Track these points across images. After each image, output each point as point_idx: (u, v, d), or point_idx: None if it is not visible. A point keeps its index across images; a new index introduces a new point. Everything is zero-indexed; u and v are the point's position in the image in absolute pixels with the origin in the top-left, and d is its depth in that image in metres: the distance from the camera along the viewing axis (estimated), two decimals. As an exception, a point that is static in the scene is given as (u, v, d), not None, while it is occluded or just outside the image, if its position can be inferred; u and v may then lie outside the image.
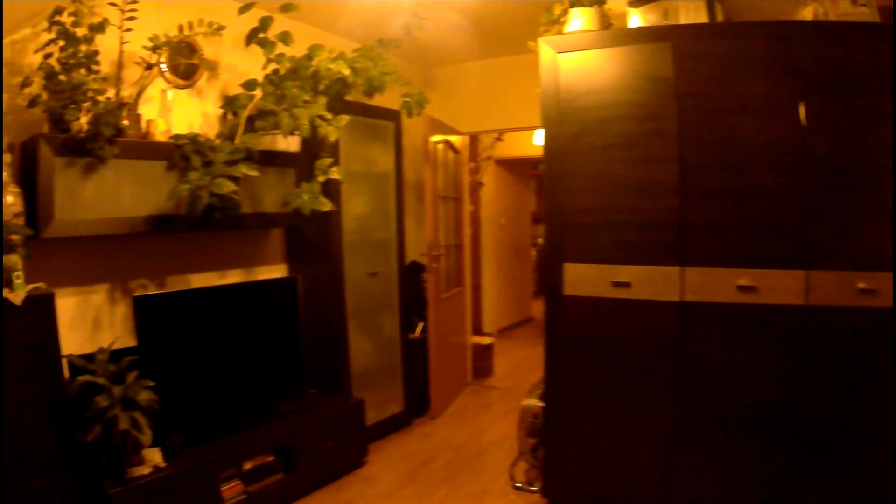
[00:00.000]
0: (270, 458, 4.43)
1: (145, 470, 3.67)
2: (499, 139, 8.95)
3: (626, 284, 3.84)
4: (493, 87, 6.94)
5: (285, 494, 4.49)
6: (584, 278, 3.96)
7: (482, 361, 7.66)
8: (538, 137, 8.51)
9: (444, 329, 6.41)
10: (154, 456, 3.79)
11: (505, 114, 6.92)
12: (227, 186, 3.88)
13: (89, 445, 3.46)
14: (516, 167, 10.35)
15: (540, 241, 12.38)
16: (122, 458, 3.62)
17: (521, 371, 7.95)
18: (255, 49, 4.43)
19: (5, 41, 3.65)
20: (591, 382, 4.01)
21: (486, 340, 7.80)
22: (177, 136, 4.04)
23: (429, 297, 6.15)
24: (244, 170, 4.01)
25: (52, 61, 3.57)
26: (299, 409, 4.80)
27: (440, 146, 6.43)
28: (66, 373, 3.47)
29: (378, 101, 5.08)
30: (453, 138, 6.82)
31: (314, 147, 4.79)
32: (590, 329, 3.98)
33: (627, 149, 3.81)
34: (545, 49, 4.00)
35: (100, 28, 3.68)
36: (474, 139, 8.38)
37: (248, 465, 4.28)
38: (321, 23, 5.51)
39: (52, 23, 3.54)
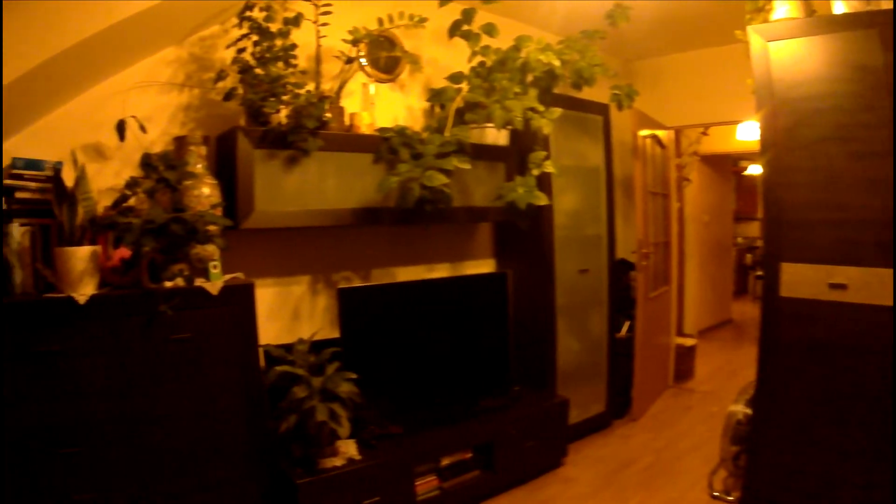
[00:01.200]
0: (469, 455, 4.23)
1: (338, 462, 3.54)
2: (704, 133, 8.40)
3: (842, 286, 3.43)
4: (696, 80, 6.51)
5: (480, 492, 4.28)
6: (800, 279, 3.57)
7: (683, 363, 7.20)
8: (742, 132, 8.07)
9: (649, 329, 6.06)
10: (349, 448, 3.66)
11: (709, 107, 6.46)
12: (439, 179, 3.72)
13: (281, 435, 3.37)
14: (718, 163, 9.82)
15: (740, 240, 11.69)
16: (315, 448, 3.52)
17: (721, 374, 7.43)
18: (456, 42, 4.29)
19: (193, 38, 3.69)
20: (803, 390, 3.62)
21: (689, 342, 7.34)
22: (383, 129, 3.92)
23: (637, 295, 5.83)
24: (455, 162, 3.84)
25: (247, 56, 3.51)
26: (502, 406, 4.56)
27: (648, 141, 6.07)
28: (263, 363, 3.41)
29: (582, 94, 4.80)
30: (660, 133, 6.46)
31: (523, 141, 4.57)
32: (804, 333, 3.59)
33: (844, 142, 3.41)
34: (755, 38, 3.66)
35: (295, 22, 3.63)
36: (678, 134, 7.86)
37: (445, 461, 4.09)
38: (519, 15, 5.25)
39: (243, 18, 3.49)
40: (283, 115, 3.56)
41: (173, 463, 3.11)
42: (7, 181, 3.06)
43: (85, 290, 2.93)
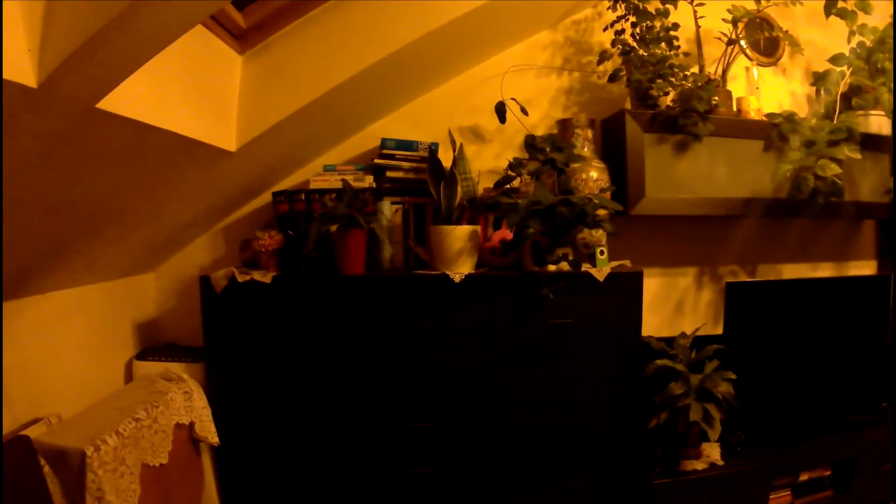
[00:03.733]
0: (827, 472, 3.87)
1: (700, 465, 3.34)
2: None
3: None
4: None
5: (829, 514, 3.92)
6: None
7: None
8: None
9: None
10: (712, 451, 3.45)
11: None
12: (833, 169, 3.42)
13: (647, 431, 3.22)
14: None
15: None
16: (679, 448, 3.33)
17: None
18: (832, 22, 3.92)
19: (566, 22, 3.62)
20: None
21: None
22: (771, 115, 3.64)
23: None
24: (847, 151, 3.50)
25: (626, 37, 3.39)
26: (869, 422, 4.14)
27: None
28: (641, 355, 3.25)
29: None
30: None
31: None
32: None
33: None
34: None
35: (672, 0, 3.41)
36: None
37: (804, 477, 3.76)
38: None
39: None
40: (668, 99, 3.39)
41: (529, 446, 3.06)
42: (378, 160, 3.10)
43: (461, 269, 2.91)
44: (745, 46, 3.91)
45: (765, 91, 3.92)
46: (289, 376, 2.93)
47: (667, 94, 3.36)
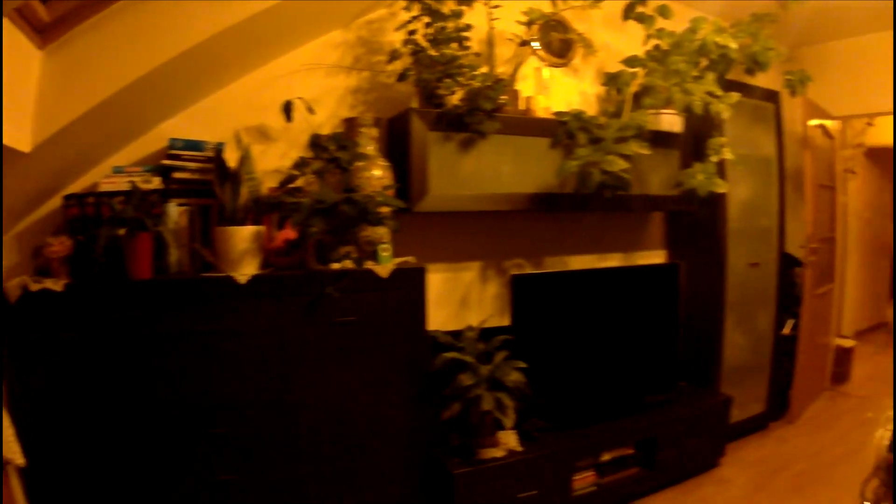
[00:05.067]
0: (630, 451, 4.06)
1: (498, 452, 3.43)
2: (869, 124, 7.86)
3: None
4: (864, 67, 6.06)
5: (637, 489, 4.10)
6: None
7: (840, 366, 6.76)
8: None
9: (813, 327, 5.72)
10: (509, 439, 3.53)
11: (878, 96, 5.99)
12: (619, 164, 3.57)
13: (442, 423, 3.29)
14: (881, 157, 9.14)
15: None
16: (475, 438, 3.41)
17: (876, 380, 6.95)
18: (628, 26, 4.14)
19: (360, 21, 3.63)
20: None
21: (847, 343, 6.89)
22: (560, 113, 3.79)
23: (804, 292, 5.49)
24: (635, 148, 3.66)
25: (418, 37, 3.43)
26: (667, 401, 4.37)
27: (817, 131, 5.68)
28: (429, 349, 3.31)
29: (750, 80, 4.59)
30: (827, 122, 6.04)
31: (698, 127, 4.36)
32: None
33: None
34: None
35: (467, 2, 3.50)
36: (844, 124, 7.37)
37: (606, 457, 3.93)
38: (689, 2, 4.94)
39: (414, 0, 3.41)
40: (456, 98, 3.44)
41: (328, 446, 3.06)
42: (165, 161, 3.05)
43: (246, 270, 2.88)
44: (537, 48, 4.02)
45: (555, 90, 4.07)
46: (85, 388, 2.82)
47: (454, 93, 3.41)
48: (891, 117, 7.56)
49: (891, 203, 9.69)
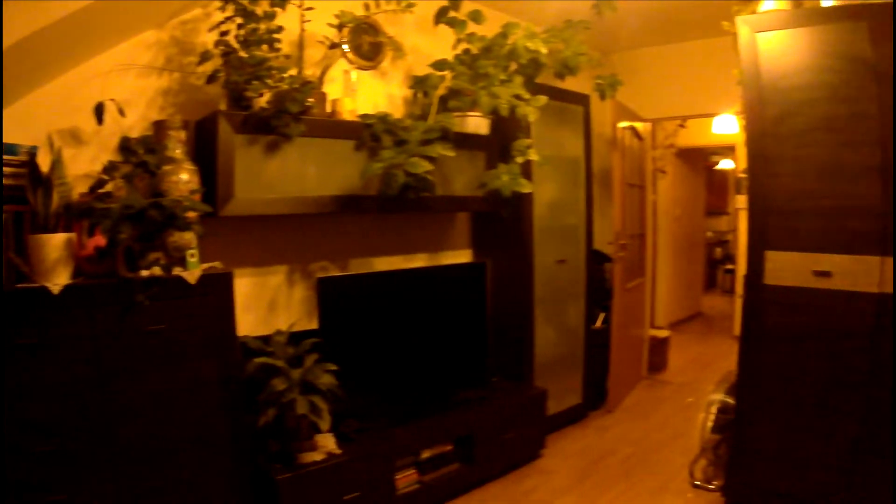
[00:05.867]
0: (449, 448, 4.11)
1: (318, 456, 3.41)
2: (682, 126, 8.34)
3: (826, 274, 3.44)
4: (673, 73, 6.43)
5: (459, 485, 4.16)
6: (785, 267, 3.58)
7: (657, 355, 7.14)
8: (718, 125, 8.04)
9: (625, 320, 5.98)
10: (327, 442, 3.52)
11: (687, 100, 6.41)
12: (423, 166, 3.59)
13: (260, 429, 3.23)
14: (691, 157, 9.74)
15: (710, 234, 11.65)
16: (294, 443, 3.38)
17: (694, 366, 7.37)
18: (439, 30, 4.19)
19: (174, 21, 3.53)
20: (787, 376, 3.63)
21: (662, 333, 7.27)
22: (365, 116, 3.78)
23: (614, 286, 5.73)
24: (440, 150, 3.70)
25: (230, 38, 3.37)
26: (481, 397, 4.45)
27: (626, 132, 5.97)
28: (240, 355, 3.25)
29: (563, 84, 4.73)
30: (637, 125, 6.36)
31: (505, 129, 4.46)
32: (787, 321, 3.60)
33: (829, 132, 3.41)
34: (743, 29, 3.62)
35: (280, 3, 3.46)
36: (655, 126, 7.78)
37: (425, 454, 3.97)
38: (504, 6, 5.12)
39: (227, 0, 3.34)
40: (264, 101, 3.41)
41: (151, 459, 2.95)
42: None
43: (59, 280, 2.74)
44: (346, 50, 4.04)
45: (362, 93, 4.07)
46: None
47: (262, 95, 3.37)
48: (698, 122, 8.09)
49: (701, 200, 10.31)
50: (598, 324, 5.86)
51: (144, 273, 2.87)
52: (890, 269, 3.22)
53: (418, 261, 4.69)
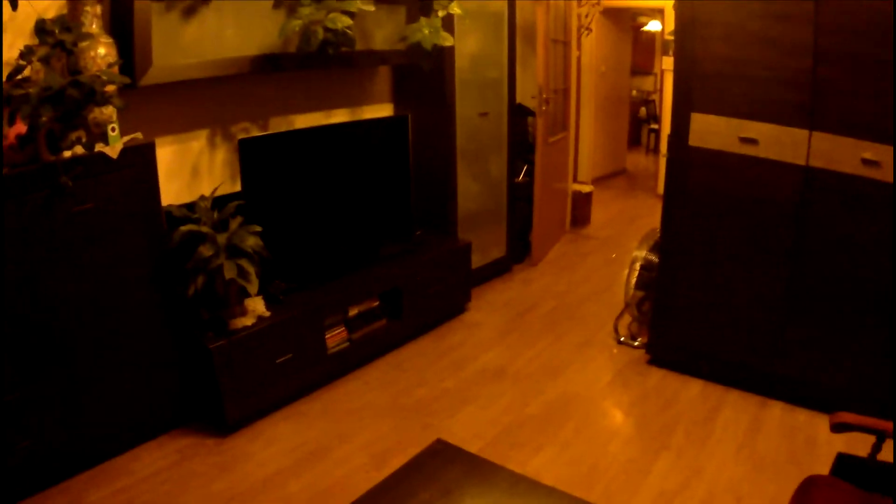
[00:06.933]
0: (375, 304, 4.23)
1: (248, 321, 3.48)
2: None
3: (753, 141, 3.50)
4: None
5: (389, 340, 4.32)
6: (711, 130, 3.62)
7: (580, 210, 7.30)
8: None
9: (548, 174, 6.05)
10: (257, 305, 3.60)
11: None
12: (343, 21, 3.55)
13: (190, 299, 3.27)
14: (618, 17, 9.63)
15: (635, 93, 11.68)
16: (224, 309, 3.44)
17: (617, 222, 7.58)
18: None
19: None
20: (710, 237, 3.75)
21: (585, 188, 7.42)
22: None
23: (537, 140, 5.78)
24: (359, 4, 3.66)
25: None
26: (406, 251, 4.54)
27: (551, -12, 5.87)
28: (165, 224, 3.27)
29: None
30: (562, -20, 6.22)
31: None
32: (712, 183, 3.69)
33: (764, 2, 3.36)
34: None
35: None
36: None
37: (353, 312, 4.08)
38: None
39: None
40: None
41: (90, 342, 3.01)
42: None
43: (-19, 174, 2.71)
44: None
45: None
46: None
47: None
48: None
49: (627, 60, 10.27)
50: (521, 177, 5.94)
51: (67, 154, 2.86)
52: (818, 143, 3.29)
53: (339, 116, 4.64)
